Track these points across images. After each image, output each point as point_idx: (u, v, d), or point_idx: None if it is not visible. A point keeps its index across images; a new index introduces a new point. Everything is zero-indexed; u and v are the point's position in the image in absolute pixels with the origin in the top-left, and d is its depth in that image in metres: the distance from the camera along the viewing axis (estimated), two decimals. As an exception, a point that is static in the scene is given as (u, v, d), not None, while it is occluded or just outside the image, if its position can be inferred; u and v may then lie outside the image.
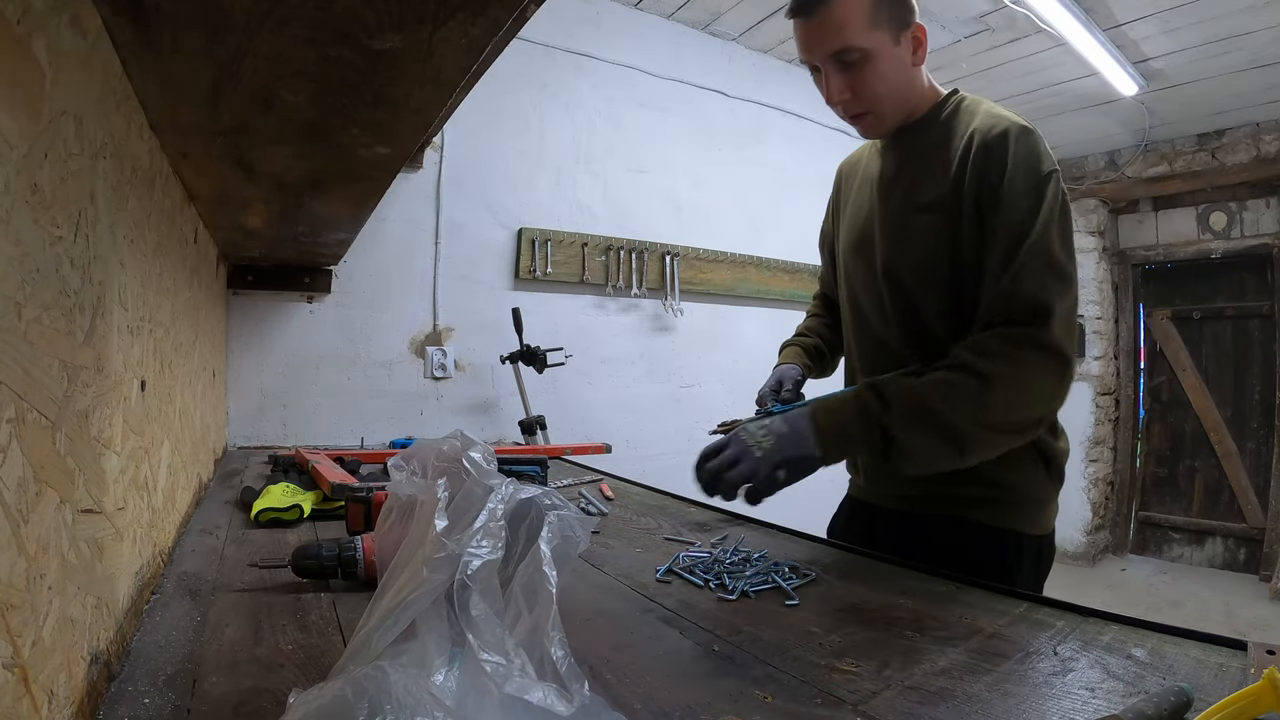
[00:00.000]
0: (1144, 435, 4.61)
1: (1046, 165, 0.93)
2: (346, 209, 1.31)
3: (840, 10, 0.94)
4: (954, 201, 0.97)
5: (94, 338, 0.58)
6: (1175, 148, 4.10)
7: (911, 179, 1.04)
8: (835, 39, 0.95)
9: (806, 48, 0.99)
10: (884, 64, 0.97)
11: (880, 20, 0.95)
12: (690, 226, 3.00)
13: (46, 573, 0.45)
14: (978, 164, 0.94)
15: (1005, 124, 0.95)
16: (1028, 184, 0.91)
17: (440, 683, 0.43)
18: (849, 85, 0.98)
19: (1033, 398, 0.89)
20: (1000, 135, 0.94)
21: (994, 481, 1.00)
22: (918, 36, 0.99)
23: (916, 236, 1.01)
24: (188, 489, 1.22)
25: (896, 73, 0.99)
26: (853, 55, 0.96)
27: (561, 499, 0.55)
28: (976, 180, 0.94)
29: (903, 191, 1.05)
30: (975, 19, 2.90)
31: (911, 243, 1.02)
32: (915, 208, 1.02)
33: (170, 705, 0.53)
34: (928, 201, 1.00)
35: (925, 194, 1.01)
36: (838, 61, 0.97)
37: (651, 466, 2.54)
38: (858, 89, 0.99)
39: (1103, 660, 0.61)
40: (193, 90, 0.68)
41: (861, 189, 1.16)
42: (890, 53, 0.97)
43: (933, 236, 0.99)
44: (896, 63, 0.98)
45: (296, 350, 2.21)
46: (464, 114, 2.24)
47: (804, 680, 0.58)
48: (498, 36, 0.55)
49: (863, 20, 0.94)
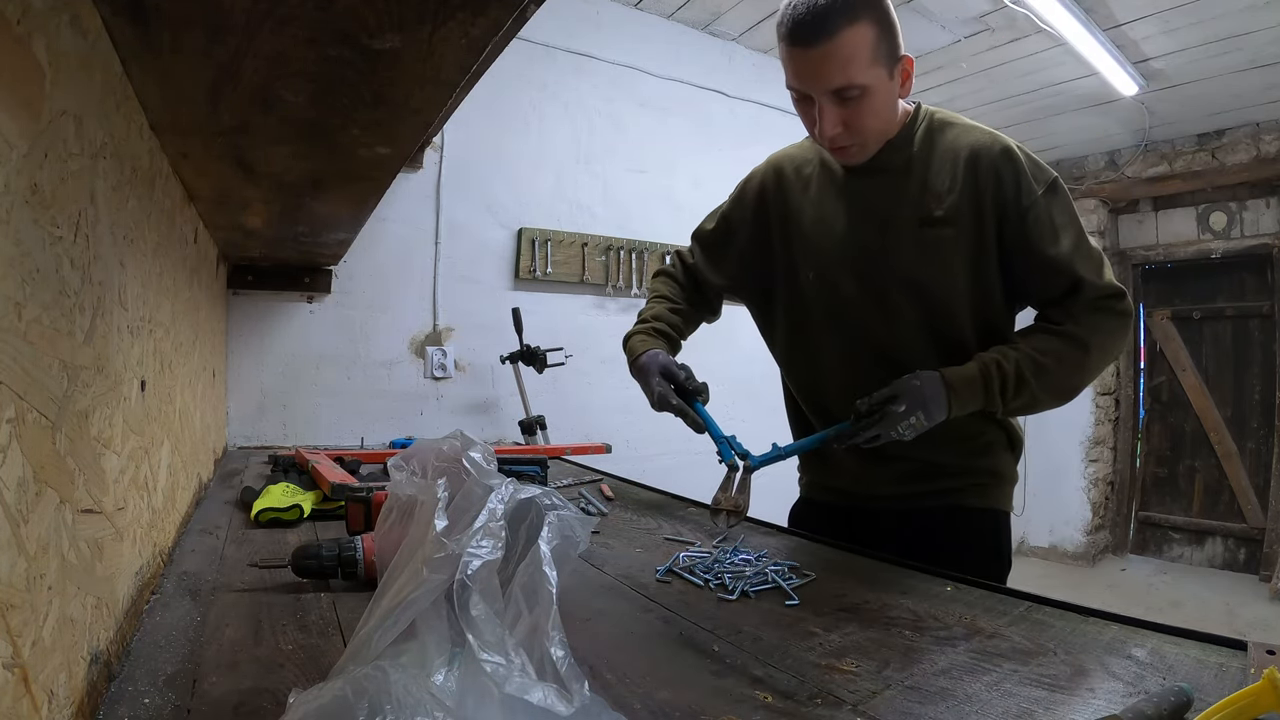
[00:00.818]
0: (1144, 435, 4.61)
1: (1049, 172, 1.02)
2: (346, 209, 1.31)
3: (846, 45, 0.91)
4: (968, 214, 1.02)
5: (94, 338, 0.58)
6: (1175, 148, 4.10)
7: (916, 192, 1.05)
8: (839, 75, 0.93)
9: (804, 78, 0.96)
10: (879, 99, 0.97)
11: (880, 56, 0.94)
12: (690, 226, 2.96)
13: (46, 573, 0.45)
14: (990, 180, 1.00)
15: (1001, 140, 1.02)
16: (1045, 191, 1.00)
17: (440, 683, 0.43)
18: (843, 120, 0.97)
19: (1114, 355, 1.05)
20: (1004, 154, 1.01)
21: (977, 468, 1.11)
22: (906, 69, 1.00)
23: (932, 248, 1.04)
24: (188, 489, 1.22)
25: (888, 106, 1.00)
26: (853, 92, 0.94)
27: (561, 499, 0.55)
28: (994, 194, 1.00)
29: (907, 204, 1.06)
30: (975, 19, 2.90)
31: (927, 254, 1.05)
32: (926, 222, 1.04)
33: (170, 705, 0.53)
34: (940, 216, 1.03)
35: (936, 208, 1.03)
36: (836, 96, 0.95)
37: (651, 466, 2.54)
38: (852, 124, 0.98)
39: (1103, 660, 0.61)
40: (193, 90, 0.68)
41: (826, 200, 1.13)
42: (885, 88, 0.97)
43: (949, 247, 1.04)
44: (889, 96, 0.99)
45: (296, 350, 2.21)
46: (464, 114, 2.24)
47: (804, 680, 0.58)
48: (498, 36, 0.55)
49: (866, 56, 0.92)
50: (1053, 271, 1.00)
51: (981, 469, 1.11)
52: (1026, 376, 0.99)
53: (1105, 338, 1.01)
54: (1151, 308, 4.53)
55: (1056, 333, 1.01)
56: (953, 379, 0.99)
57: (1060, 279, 1.00)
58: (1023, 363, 0.99)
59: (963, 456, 1.10)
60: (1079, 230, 1.01)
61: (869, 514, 1.17)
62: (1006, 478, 1.15)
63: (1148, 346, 4.59)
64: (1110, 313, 1.01)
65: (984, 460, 1.11)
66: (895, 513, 1.14)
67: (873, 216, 1.08)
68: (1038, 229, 0.99)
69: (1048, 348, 1.00)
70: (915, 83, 1.04)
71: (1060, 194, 1.01)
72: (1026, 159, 1.02)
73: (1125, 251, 4.56)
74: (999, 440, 1.13)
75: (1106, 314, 1.00)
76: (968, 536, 1.09)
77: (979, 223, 1.02)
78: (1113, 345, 1.03)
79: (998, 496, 1.13)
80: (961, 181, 1.02)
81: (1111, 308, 1.00)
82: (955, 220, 1.02)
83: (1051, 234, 0.99)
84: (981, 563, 0.99)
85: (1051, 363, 0.99)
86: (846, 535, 1.10)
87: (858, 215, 1.10)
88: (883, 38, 0.94)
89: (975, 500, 1.11)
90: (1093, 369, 1.03)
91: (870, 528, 1.13)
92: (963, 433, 1.07)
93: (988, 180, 1.00)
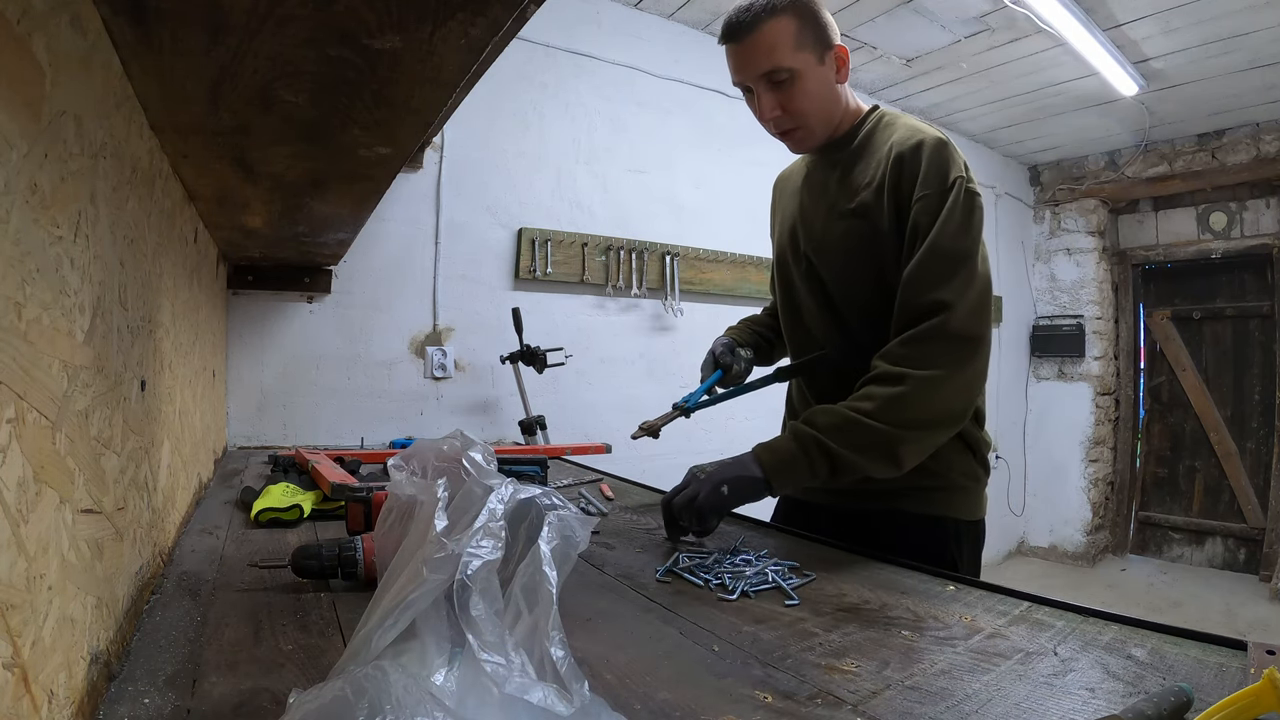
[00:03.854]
0: (1144, 435, 4.61)
1: (954, 172, 0.99)
2: (346, 209, 1.31)
3: (768, 35, 1.02)
4: (876, 209, 1.05)
5: (94, 338, 0.58)
6: (1175, 148, 4.10)
7: (837, 188, 1.12)
8: (765, 60, 1.03)
9: (739, 70, 1.07)
10: (810, 82, 1.05)
11: (805, 43, 1.03)
12: (690, 226, 3.00)
13: (46, 573, 0.45)
14: (894, 174, 1.03)
15: (920, 136, 1.03)
16: (935, 189, 0.99)
17: (440, 683, 0.43)
18: (779, 103, 1.06)
19: (948, 388, 0.96)
20: (914, 147, 1.02)
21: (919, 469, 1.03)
22: (840, 56, 1.08)
23: (839, 240, 1.10)
24: (188, 489, 1.22)
25: (822, 90, 1.08)
26: (781, 75, 1.04)
27: (561, 499, 0.55)
28: (895, 189, 1.03)
29: (829, 200, 1.13)
30: (975, 19, 2.90)
31: (835, 246, 1.11)
32: (840, 214, 1.10)
33: (170, 705, 0.53)
34: (852, 209, 1.08)
35: (850, 201, 1.09)
36: (768, 81, 1.05)
37: (651, 466, 2.53)
38: (787, 105, 1.06)
39: (1103, 660, 0.61)
40: (193, 90, 0.68)
41: (791, 198, 1.25)
42: (815, 72, 1.05)
43: (856, 239, 1.08)
44: (821, 81, 1.07)
45: (296, 350, 2.21)
46: (464, 114, 2.24)
47: (804, 680, 0.58)
48: (498, 36, 0.55)
49: (789, 43, 1.02)
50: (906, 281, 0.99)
51: (927, 470, 1.03)
52: (828, 445, 0.95)
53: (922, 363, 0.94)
54: (1151, 308, 4.54)
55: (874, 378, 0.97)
56: (762, 455, 1.00)
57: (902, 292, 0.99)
58: (821, 437, 0.96)
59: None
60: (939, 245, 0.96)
61: (808, 509, 1.20)
62: (959, 484, 1.10)
63: (1148, 346, 4.60)
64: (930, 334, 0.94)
65: (930, 462, 1.03)
66: (831, 512, 1.16)
67: (809, 215, 1.17)
68: (913, 228, 0.99)
69: (861, 395, 0.97)
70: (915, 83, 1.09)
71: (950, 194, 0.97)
72: (936, 155, 0.99)
73: (1125, 251, 4.56)
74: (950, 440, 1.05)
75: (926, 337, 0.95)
76: (908, 543, 1.03)
77: (888, 216, 1.03)
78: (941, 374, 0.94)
79: (946, 503, 1.09)
80: (879, 176, 1.05)
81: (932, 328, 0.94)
82: (865, 213, 1.06)
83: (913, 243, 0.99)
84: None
85: (860, 414, 0.95)
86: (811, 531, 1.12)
87: (801, 214, 1.19)
88: (806, 27, 1.03)
89: (915, 506, 1.08)
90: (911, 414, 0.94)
91: (809, 524, 1.14)
92: None
93: (894, 172, 1.03)
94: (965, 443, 1.10)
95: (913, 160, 1.01)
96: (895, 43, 3.07)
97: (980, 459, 1.13)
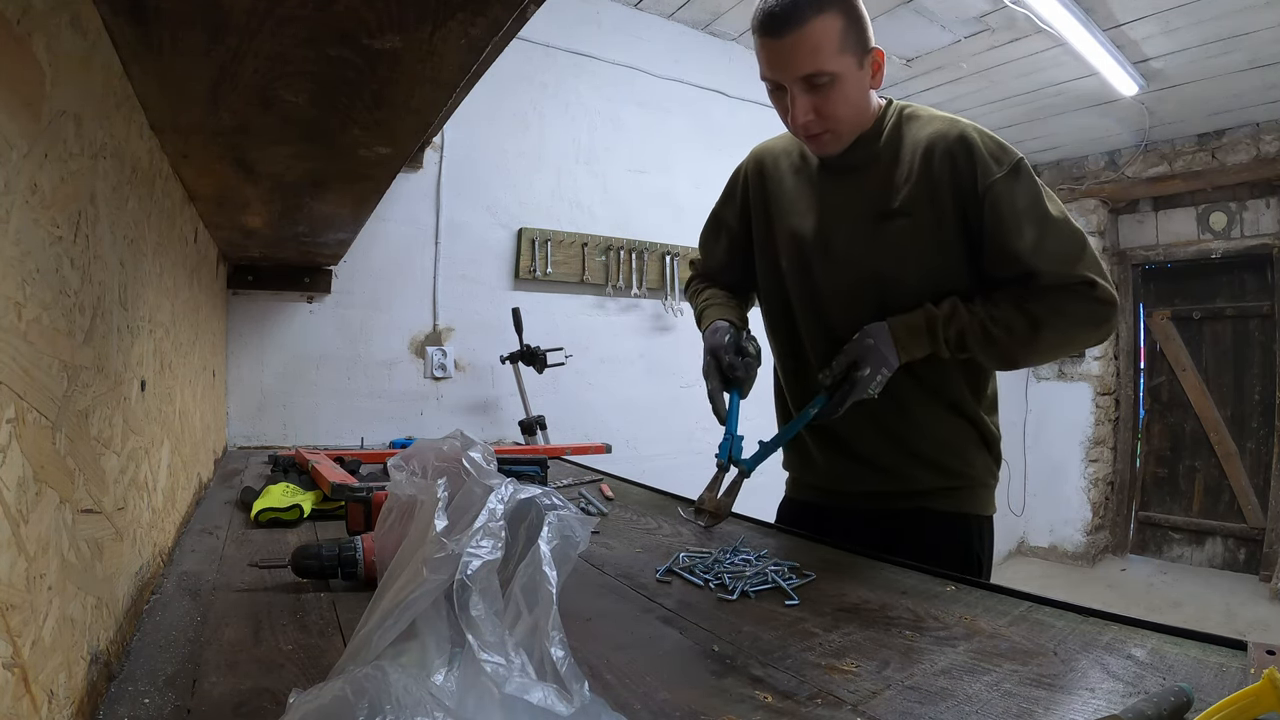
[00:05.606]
0: (1144, 435, 4.61)
1: (1008, 149, 1.01)
2: (346, 209, 1.31)
3: (814, 34, 0.95)
4: (924, 203, 1.03)
5: (94, 338, 0.58)
6: (1175, 148, 4.10)
7: (874, 187, 1.08)
8: (808, 62, 0.96)
9: (775, 67, 1.00)
10: (849, 87, 1.00)
11: (849, 45, 0.97)
12: (690, 226, 2.96)
13: (46, 573, 0.45)
14: (945, 168, 1.01)
15: (959, 127, 1.02)
16: (1006, 169, 0.99)
17: (440, 683, 0.43)
18: (814, 106, 1.00)
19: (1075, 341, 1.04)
20: (959, 139, 1.01)
21: (947, 470, 1.10)
22: (877, 60, 1.03)
23: (892, 238, 1.07)
24: (188, 489, 1.22)
25: (859, 96, 1.03)
26: (822, 79, 0.97)
27: (561, 499, 0.55)
28: (952, 183, 1.01)
29: (867, 199, 1.09)
30: (975, 19, 2.90)
31: (886, 244, 1.07)
32: (883, 214, 1.07)
33: (170, 705, 0.53)
34: (897, 207, 1.05)
35: (893, 200, 1.06)
36: (806, 83, 0.98)
37: (651, 466, 2.54)
38: (822, 109, 1.00)
39: (1103, 660, 0.61)
40: (193, 90, 0.68)
41: (801, 194, 1.17)
42: (855, 76, 1.00)
43: (907, 237, 1.05)
44: (859, 86, 1.02)
45: (296, 350, 2.21)
46: (464, 114, 2.23)
47: (804, 680, 0.58)
48: (498, 36, 0.55)
49: (833, 44, 0.96)
50: (1012, 264, 1.00)
51: (953, 470, 1.10)
52: (968, 343, 1.01)
53: (1062, 320, 0.99)
54: (1151, 308, 4.53)
55: (1015, 305, 1.00)
56: (898, 329, 1.03)
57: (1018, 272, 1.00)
58: (968, 330, 1.00)
59: (934, 453, 1.10)
60: (1043, 215, 0.99)
61: (842, 513, 1.18)
62: (979, 480, 1.13)
63: (1148, 346, 4.59)
64: (1076, 296, 0.99)
65: (955, 461, 1.10)
66: (864, 514, 1.15)
67: (839, 212, 1.12)
68: (995, 216, 0.99)
69: (1000, 317, 1.00)
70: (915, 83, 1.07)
71: (1023, 177, 0.99)
72: (985, 142, 1.01)
73: (1125, 251, 4.56)
74: (971, 438, 1.12)
75: (1070, 296, 0.99)
76: (934, 541, 1.07)
77: (937, 212, 1.02)
78: (1074, 332, 1.01)
79: (969, 500, 1.12)
80: (918, 172, 1.03)
81: (1079, 292, 0.99)
82: (911, 211, 1.04)
83: (1014, 224, 0.98)
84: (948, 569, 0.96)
85: (1000, 333, 1.00)
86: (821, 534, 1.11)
87: (827, 211, 1.13)
88: (850, 28, 0.97)
89: (944, 504, 1.10)
90: (1042, 350, 1.03)
91: (842, 528, 1.14)
92: (934, 430, 1.10)
93: (944, 169, 1.01)
94: (983, 439, 1.13)
95: (965, 153, 1.00)
96: (895, 43, 3.07)
97: (995, 455, 1.15)
